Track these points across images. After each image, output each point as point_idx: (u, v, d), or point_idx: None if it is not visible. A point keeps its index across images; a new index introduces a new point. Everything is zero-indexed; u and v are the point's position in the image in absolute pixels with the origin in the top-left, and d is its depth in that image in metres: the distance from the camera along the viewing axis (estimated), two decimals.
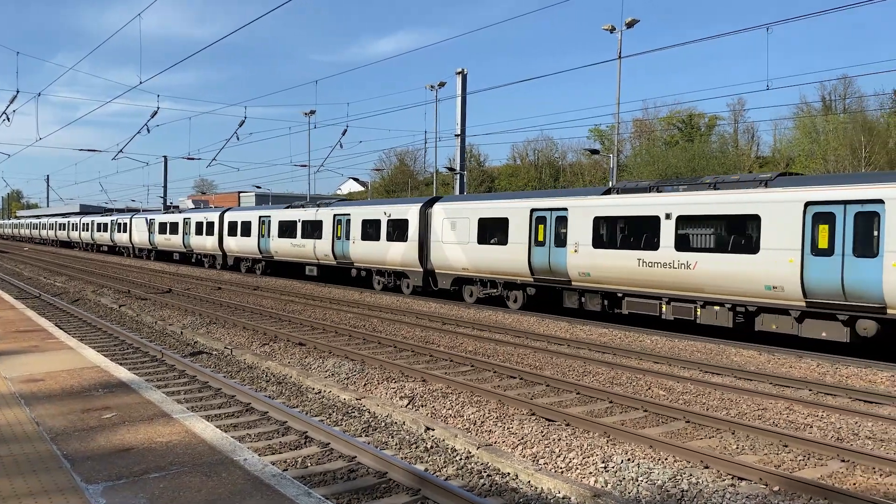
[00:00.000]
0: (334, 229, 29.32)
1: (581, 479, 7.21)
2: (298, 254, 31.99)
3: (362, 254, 27.60)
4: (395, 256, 25.72)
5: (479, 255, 22.18)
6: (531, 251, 20.46)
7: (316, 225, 30.72)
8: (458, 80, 37.62)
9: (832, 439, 8.53)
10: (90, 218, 63.99)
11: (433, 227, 24.14)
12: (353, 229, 28.12)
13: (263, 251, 34.68)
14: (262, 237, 34.66)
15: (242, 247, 36.58)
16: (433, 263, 24.14)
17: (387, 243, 26.19)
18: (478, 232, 22.30)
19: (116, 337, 15.70)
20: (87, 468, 5.57)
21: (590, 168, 66.00)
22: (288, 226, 32.76)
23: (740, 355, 14.12)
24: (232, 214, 38.29)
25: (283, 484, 5.29)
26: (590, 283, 18.93)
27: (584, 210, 19.18)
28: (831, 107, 57.71)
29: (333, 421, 9.35)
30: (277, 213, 33.93)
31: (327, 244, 29.63)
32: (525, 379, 11.66)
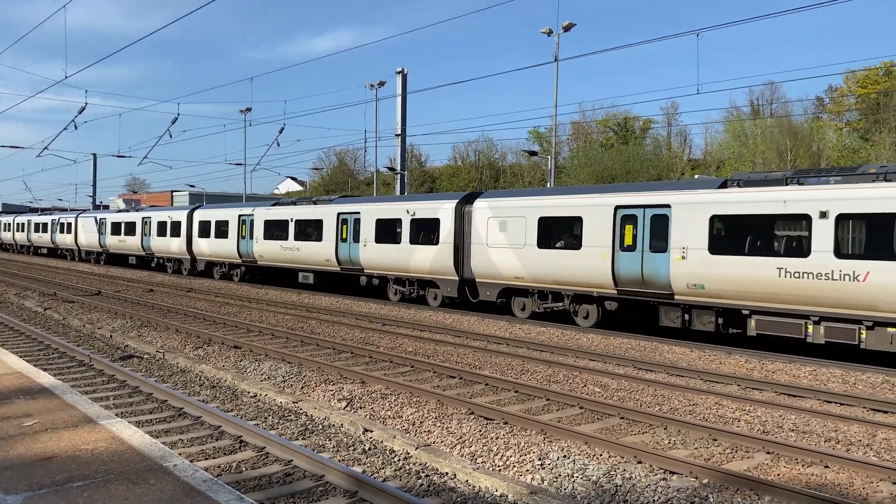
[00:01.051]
0: (338, 230, 25.15)
1: (518, 476, 7.27)
2: (290, 258, 27.59)
3: (376, 259, 23.63)
4: (422, 262, 21.94)
5: (539, 261, 18.60)
6: (616, 257, 16.93)
7: (314, 225, 26.54)
8: (398, 79, 37.57)
9: (758, 432, 8.84)
10: (26, 217, 58.61)
11: (474, 227, 20.40)
12: (364, 230, 24.03)
13: (244, 255, 30.35)
14: (242, 239, 30.41)
15: (217, 250, 32.25)
16: (474, 271, 20.39)
17: (410, 247, 22.28)
18: (538, 233, 18.72)
19: (41, 341, 15.07)
20: (6, 478, 5.32)
21: (529, 169, 66.85)
22: (277, 226, 28.48)
23: (672, 352, 14.50)
24: (204, 213, 33.71)
25: (216, 490, 5.15)
26: (702, 297, 15.43)
27: (695, 207, 15.63)
28: (759, 111, 59.97)
29: (269, 425, 9.18)
30: (263, 211, 29.59)
31: (329, 247, 25.45)
32: (464, 378, 11.70)
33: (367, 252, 23.90)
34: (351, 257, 24.64)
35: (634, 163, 54.11)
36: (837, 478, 7.24)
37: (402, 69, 37.28)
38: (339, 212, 25.34)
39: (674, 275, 15.82)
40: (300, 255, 27.05)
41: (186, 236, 34.35)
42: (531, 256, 18.87)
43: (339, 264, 25.19)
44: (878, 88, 52.26)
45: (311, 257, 26.48)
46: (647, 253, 16.45)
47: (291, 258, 27.59)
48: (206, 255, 33.36)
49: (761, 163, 49.99)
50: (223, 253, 31.88)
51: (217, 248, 32.25)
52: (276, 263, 28.72)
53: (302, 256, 26.98)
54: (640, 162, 54.82)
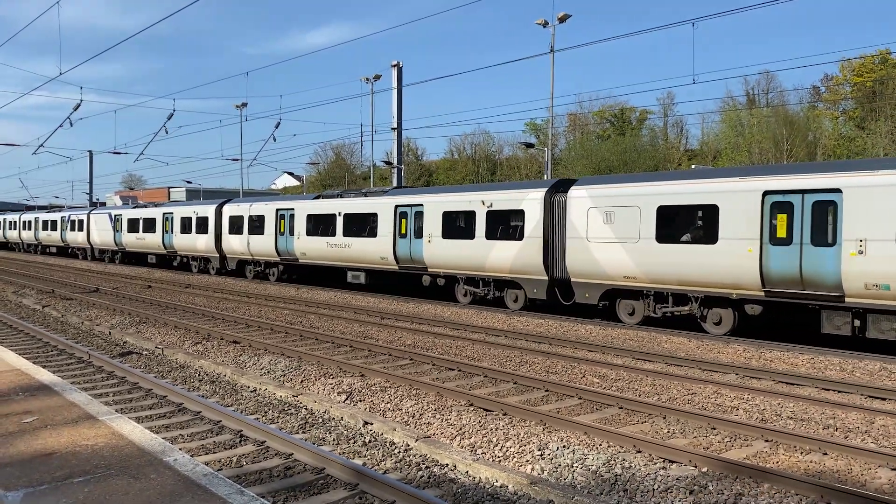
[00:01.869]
0: (397, 224, 22.83)
1: (518, 467, 7.30)
2: (338, 256, 25.21)
3: (443, 257, 21.25)
4: (501, 260, 19.56)
5: (658, 258, 16.05)
6: (764, 252, 14.50)
7: (367, 219, 24.25)
8: (393, 72, 37.44)
9: (757, 420, 8.87)
10: (33, 214, 55.67)
11: (570, 219, 17.89)
12: (428, 224, 21.64)
13: (283, 252, 28.04)
14: (280, 235, 28.10)
15: (251, 247, 29.92)
16: (569, 269, 17.97)
17: (486, 242, 19.91)
18: (657, 225, 16.16)
19: (39, 339, 15.06)
20: (5, 475, 5.32)
21: (526, 161, 66.85)
22: (322, 220, 26.15)
23: (671, 342, 14.53)
24: (235, 207, 31.35)
25: (216, 483, 5.16)
26: (886, 300, 13.14)
27: (880, 192, 13.22)
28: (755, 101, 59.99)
29: (269, 419, 9.20)
30: (305, 204, 27.25)
31: (385, 244, 23.11)
32: (463, 370, 11.72)
33: (432, 249, 21.51)
34: (412, 255, 22.31)
35: (631, 154, 54.11)
36: (836, 464, 7.27)
37: (398, 62, 37.17)
38: (397, 204, 22.97)
39: (846, 273, 13.43)
40: (350, 253, 24.71)
41: (215, 233, 32.13)
42: (647, 253, 16.27)
43: (398, 262, 22.89)
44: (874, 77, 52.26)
45: (364, 255, 24.14)
46: (806, 247, 14.04)
47: (339, 256, 25.24)
48: (237, 253, 31.03)
49: (757, 153, 50.02)
50: (258, 250, 29.57)
51: (251, 246, 29.97)
52: (320, 262, 26.36)
53: (352, 254, 24.63)
54: (637, 153, 54.83)
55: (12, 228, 59.61)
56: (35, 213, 56.94)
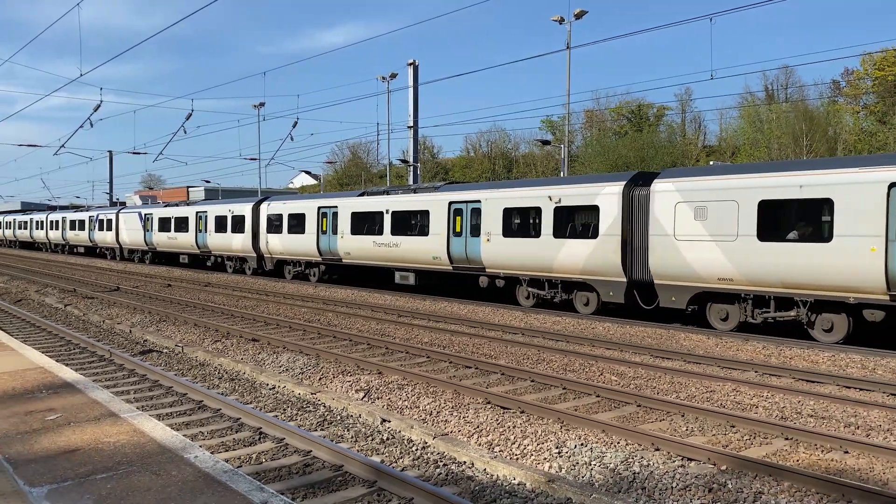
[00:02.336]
0: (451, 222, 21.60)
1: (536, 465, 7.30)
2: (385, 256, 24.03)
3: (504, 256, 19.95)
4: (572, 260, 18.20)
5: (759, 258, 14.59)
6: (890, 251, 12.96)
7: (417, 217, 23.02)
8: (409, 71, 37.55)
9: (776, 418, 8.80)
10: (60, 214, 54.60)
11: (654, 215, 16.47)
12: (486, 221, 20.39)
13: (326, 252, 26.92)
14: (322, 234, 27.04)
15: (291, 246, 28.84)
16: (653, 270, 16.47)
17: (555, 241, 18.56)
18: (759, 221, 14.71)
19: (62, 337, 15.27)
20: (31, 471, 5.41)
21: (542, 159, 66.65)
22: (368, 218, 25.03)
23: (689, 340, 14.45)
24: (274, 205, 30.28)
25: (236, 480, 5.22)
26: None
27: None
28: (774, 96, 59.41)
29: (288, 416, 9.26)
30: (350, 201, 26.12)
31: (438, 242, 21.83)
32: (480, 368, 11.73)
33: (491, 248, 20.18)
34: (468, 254, 20.99)
35: (649, 150, 53.76)
36: (857, 463, 7.20)
37: (414, 61, 37.26)
38: (451, 200, 21.66)
39: None
40: (398, 253, 23.46)
41: (252, 232, 31.06)
42: (747, 252, 14.79)
43: (452, 262, 21.58)
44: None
45: (414, 254, 22.88)
46: None
47: (387, 256, 24.00)
48: (276, 253, 29.88)
49: (777, 148, 49.53)
50: (299, 250, 28.45)
51: (291, 245, 28.85)
52: (366, 262, 25.15)
53: (401, 254, 23.38)
54: (655, 149, 54.46)
55: (39, 228, 58.48)
56: (62, 212, 55.88)
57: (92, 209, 51.61)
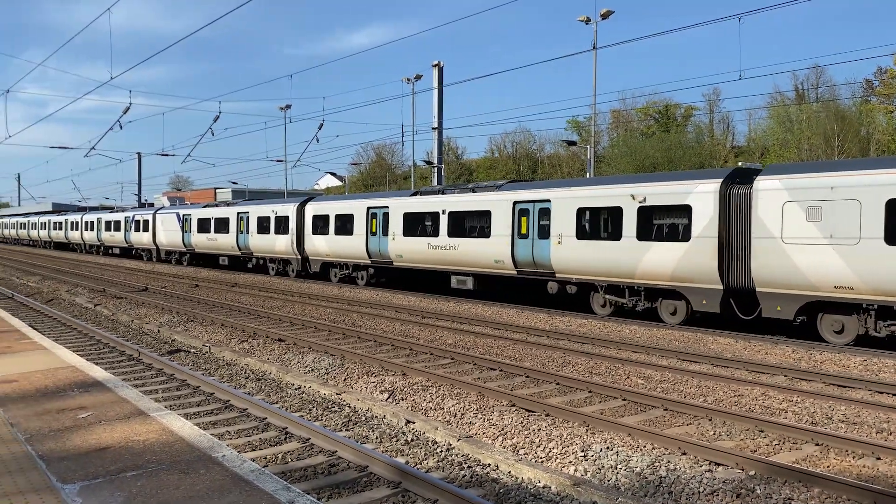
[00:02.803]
0: (515, 223, 20.27)
1: (561, 468, 7.26)
2: (441, 259, 22.74)
3: (577, 260, 18.53)
4: (659, 265, 16.75)
5: (887, 264, 13.24)
6: None
7: (477, 218, 21.81)
8: (434, 72, 37.62)
9: (807, 423, 8.67)
10: (96, 215, 54.01)
11: (757, 215, 15.06)
12: (557, 223, 18.98)
13: (376, 254, 25.75)
14: (372, 235, 25.84)
15: (337, 248, 27.69)
16: (756, 277, 15.09)
17: (638, 244, 17.11)
18: (886, 223, 13.34)
19: (92, 336, 15.52)
20: (63, 468, 5.51)
21: (568, 160, 66.42)
22: (422, 219, 23.83)
23: (717, 343, 14.28)
24: (320, 206, 29.34)
25: (263, 479, 5.26)
26: None
27: None
28: (804, 96, 58.52)
29: (314, 416, 9.32)
30: (402, 201, 24.84)
31: (500, 245, 20.55)
32: (505, 370, 11.70)
33: (563, 251, 18.79)
34: (535, 258, 19.64)
35: (677, 151, 53.28)
36: (890, 469, 7.06)
37: (439, 62, 37.33)
38: (515, 200, 20.37)
39: None
40: (456, 256, 22.15)
41: (296, 233, 30.00)
42: (872, 257, 13.40)
43: (517, 266, 20.29)
44: None
45: (473, 257, 21.60)
46: None
47: (443, 259, 22.71)
48: (321, 255, 28.80)
49: (807, 149, 48.79)
50: (346, 252, 27.29)
51: (338, 247, 27.71)
52: (420, 265, 23.93)
53: (459, 257, 22.09)
54: (683, 150, 53.96)
55: (74, 229, 57.83)
56: (98, 213, 55.38)
57: (127, 210, 51.10)
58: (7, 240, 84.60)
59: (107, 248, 52.49)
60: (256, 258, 33.70)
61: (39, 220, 68.63)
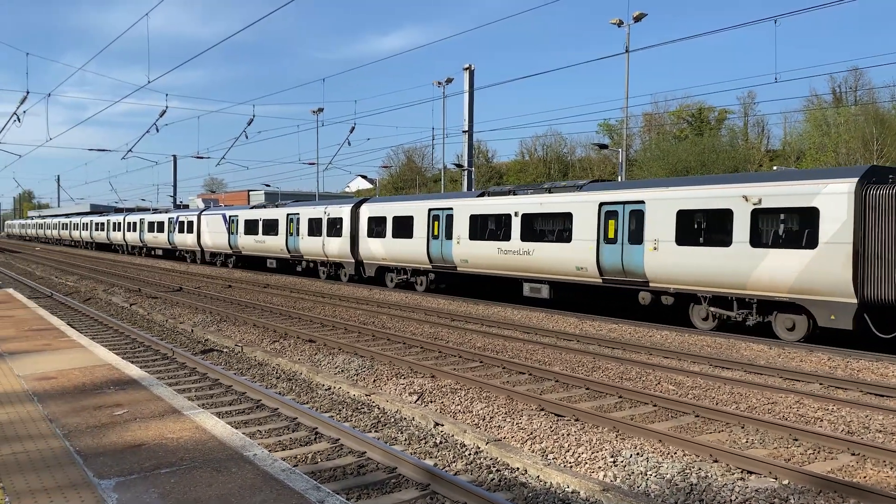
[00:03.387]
0: (601, 226, 18.73)
1: (590, 473, 7.22)
2: (514, 265, 21.28)
3: (677, 267, 16.87)
4: (777, 275, 15.11)
5: None
6: None
7: (555, 220, 20.23)
8: (465, 75, 37.68)
9: (842, 433, 8.50)
10: (138, 216, 53.53)
11: None
12: (652, 227, 17.41)
13: (438, 259, 24.42)
14: (433, 238, 24.46)
15: (395, 252, 26.43)
16: None
17: (752, 251, 15.49)
18: None
19: (127, 335, 15.82)
20: (99, 464, 5.63)
21: (599, 163, 65.95)
22: (492, 222, 22.43)
23: (750, 349, 14.07)
24: (376, 207, 28.05)
25: (294, 479, 5.32)
26: None
27: None
28: (842, 99, 57.39)
29: (343, 417, 9.39)
30: (466, 203, 23.40)
31: (583, 251, 19.00)
32: (534, 374, 11.67)
33: (660, 258, 17.18)
34: (625, 265, 18.07)
35: (710, 154, 52.62)
36: None
37: (470, 65, 37.38)
38: (602, 201, 18.77)
39: None
40: (530, 262, 20.66)
41: (350, 235, 28.84)
42: None
43: (602, 274, 18.74)
44: None
45: (550, 264, 20.09)
46: None
47: (515, 265, 21.24)
48: (377, 259, 27.52)
49: (844, 153, 47.83)
50: (404, 256, 25.99)
51: (395, 251, 26.39)
52: (487, 271, 22.38)
53: (533, 263, 20.60)
54: (716, 154, 53.27)
55: (116, 230, 57.41)
56: (140, 213, 54.86)
57: (171, 211, 50.70)
58: (49, 240, 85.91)
59: (149, 249, 52.13)
60: (306, 261, 32.67)
61: (81, 221, 68.97)
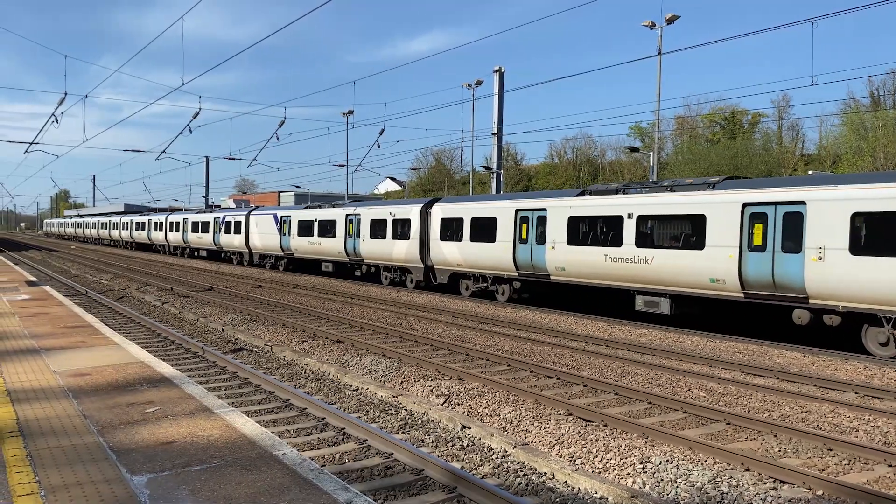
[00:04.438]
0: (744, 231, 16.02)
1: (619, 479, 7.15)
2: (626, 275, 18.58)
3: (852, 283, 14.06)
4: None
5: None
6: None
7: (681, 224, 17.76)
8: (495, 78, 37.63)
9: (880, 443, 8.31)
10: (181, 215, 50.94)
11: None
12: (817, 231, 14.65)
13: (526, 266, 21.77)
14: (521, 243, 21.94)
15: (474, 257, 23.86)
16: None
17: None
18: None
19: (159, 333, 16.05)
20: (132, 460, 5.71)
21: (630, 166, 65.41)
22: (596, 224, 19.89)
23: (783, 357, 13.83)
24: (450, 207, 25.55)
25: (322, 479, 5.35)
26: None
27: None
28: (880, 102, 56.19)
29: (371, 418, 9.42)
30: (564, 202, 20.82)
31: (720, 259, 16.31)
32: (562, 379, 11.59)
33: (828, 270, 14.38)
34: (777, 277, 15.32)
35: (743, 158, 51.86)
36: None
37: (500, 68, 37.33)
38: (746, 202, 16.09)
39: None
40: (647, 271, 18.02)
41: (419, 238, 26.48)
42: None
43: (745, 288, 15.95)
44: None
45: (674, 274, 17.40)
46: None
47: (628, 274, 18.56)
48: (450, 265, 25.07)
49: (882, 157, 46.83)
50: (484, 262, 23.46)
51: (474, 256, 23.89)
52: (591, 281, 19.77)
53: (651, 273, 17.94)
54: (749, 157, 52.48)
55: (158, 230, 55.06)
56: (184, 213, 53.01)
57: (216, 210, 48.66)
58: (88, 239, 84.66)
59: (193, 250, 50.01)
60: (367, 265, 30.36)
61: (121, 220, 67.00)
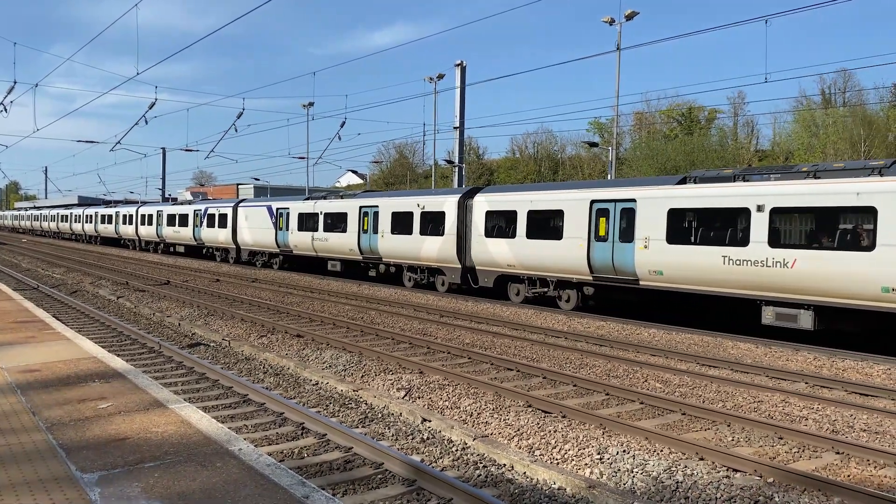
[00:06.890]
0: None
1: (576, 470, 7.23)
2: (751, 281, 15.12)
3: None
4: None
5: None
6: None
7: (838, 217, 14.23)
8: (456, 72, 37.62)
9: (827, 431, 8.55)
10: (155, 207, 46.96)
11: None
12: None
13: (604, 267, 18.39)
14: (599, 241, 18.49)
15: (531, 258, 20.34)
16: None
17: None
18: None
19: (114, 328, 15.71)
20: (83, 457, 5.58)
21: (589, 161, 66.13)
22: (708, 219, 16.40)
23: (737, 348, 14.14)
24: (499, 198, 22.07)
25: (279, 474, 5.29)
26: None
27: None
28: (831, 100, 57.74)
29: (330, 412, 9.36)
30: (658, 192, 17.32)
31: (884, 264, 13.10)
32: (522, 371, 11.67)
33: None
34: None
35: (699, 154, 52.81)
36: None
37: (461, 62, 37.31)
38: None
39: None
40: (787, 277, 14.49)
41: (456, 235, 22.93)
42: None
43: None
44: None
45: (829, 282, 13.89)
46: None
47: (754, 280, 15.06)
48: (499, 266, 21.50)
49: (832, 154, 48.15)
50: (545, 263, 19.93)
51: (532, 256, 20.33)
52: (699, 288, 16.26)
53: (794, 278, 14.38)
54: (705, 153, 53.47)
55: (127, 223, 49.88)
56: (158, 205, 48.51)
57: (196, 202, 44.35)
58: (45, 233, 77.34)
59: (168, 245, 45.31)
60: (386, 264, 26.83)
61: (84, 213, 60.95)
